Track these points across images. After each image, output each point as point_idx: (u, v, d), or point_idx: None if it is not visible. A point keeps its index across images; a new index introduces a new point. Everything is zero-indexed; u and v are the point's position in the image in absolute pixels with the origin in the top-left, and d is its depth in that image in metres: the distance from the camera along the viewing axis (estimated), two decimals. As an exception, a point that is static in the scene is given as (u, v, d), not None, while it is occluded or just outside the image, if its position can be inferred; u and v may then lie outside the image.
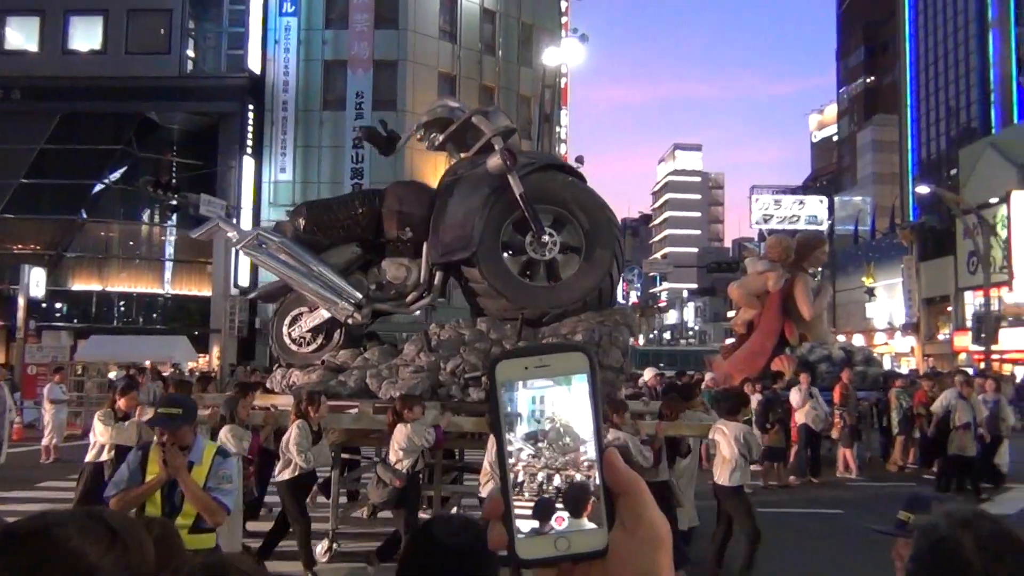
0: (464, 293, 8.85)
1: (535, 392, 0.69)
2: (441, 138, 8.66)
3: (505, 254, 8.46)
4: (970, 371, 26.98)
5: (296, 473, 7.46)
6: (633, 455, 7.21)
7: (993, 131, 48.03)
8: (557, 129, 32.86)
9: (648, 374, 17.50)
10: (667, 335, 78.75)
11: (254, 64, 31.12)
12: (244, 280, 29.93)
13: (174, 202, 24.37)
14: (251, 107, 30.92)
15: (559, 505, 0.68)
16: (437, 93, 32.18)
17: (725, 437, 7.41)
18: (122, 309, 31.60)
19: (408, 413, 7.25)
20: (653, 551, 0.68)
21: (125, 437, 8.25)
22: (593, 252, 8.43)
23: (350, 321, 8.46)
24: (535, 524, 0.67)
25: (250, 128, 30.82)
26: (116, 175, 31.42)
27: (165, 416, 4.23)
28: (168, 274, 32.51)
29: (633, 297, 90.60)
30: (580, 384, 0.69)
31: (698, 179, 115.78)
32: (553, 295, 8.41)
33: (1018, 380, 29.50)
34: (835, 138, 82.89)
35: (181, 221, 30.70)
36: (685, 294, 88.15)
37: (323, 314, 8.70)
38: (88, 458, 8.53)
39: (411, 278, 8.51)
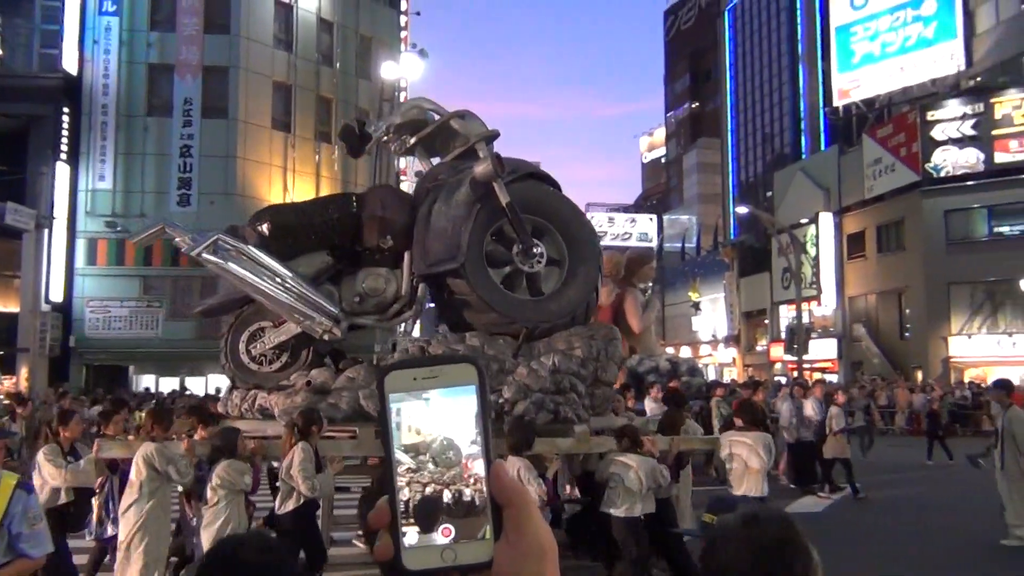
0: (441, 306, 8.22)
1: (425, 403, 0.69)
2: (412, 140, 8.14)
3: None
4: (784, 380, 28.87)
5: (300, 503, 6.81)
6: (658, 478, 7.01)
7: (803, 157, 51.87)
8: (396, 143, 32.66)
9: None
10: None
11: (70, 64, 29.13)
12: (56, 294, 27.85)
13: (-25, 210, 22.37)
14: (66, 110, 28.90)
15: (445, 516, 0.69)
16: (271, 102, 31.33)
17: (751, 448, 7.26)
18: (-88, 327, 28.63)
19: None
20: (536, 563, 0.68)
21: (84, 479, 6.91)
22: (578, 265, 8.11)
23: (326, 337, 7.66)
24: (421, 535, 0.68)
25: (65, 132, 28.76)
26: (-93, 179, 28.50)
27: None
28: (-32, 289, 29.75)
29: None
30: (469, 395, 0.70)
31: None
32: (543, 308, 7.96)
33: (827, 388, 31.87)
34: (664, 159, 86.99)
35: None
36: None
37: (291, 329, 7.81)
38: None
39: (390, 290, 7.84)
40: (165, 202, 29.22)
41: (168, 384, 28.90)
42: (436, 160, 8.47)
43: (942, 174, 33.33)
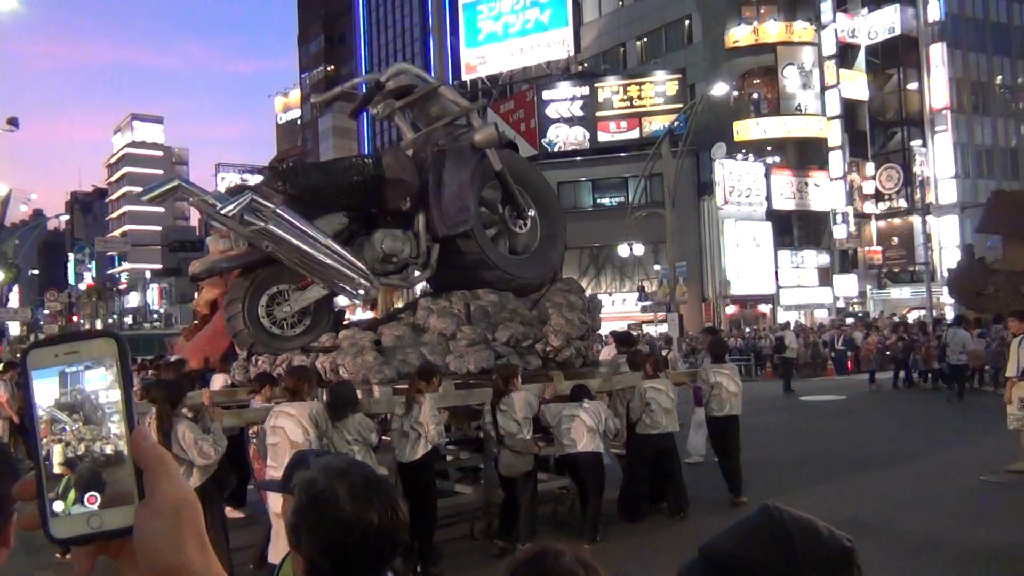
0: (441, 267, 8.34)
1: (67, 377, 0.71)
2: (398, 105, 8.46)
3: None
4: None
5: (428, 449, 6.87)
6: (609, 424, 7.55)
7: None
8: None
9: None
10: (129, 319, 73.20)
11: None
12: None
13: None
14: None
15: (90, 484, 0.70)
16: None
17: (729, 377, 8.79)
18: None
19: (515, 382, 7.22)
20: (168, 519, 0.69)
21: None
22: (551, 227, 8.99)
23: (362, 298, 7.95)
24: (66, 504, 0.70)
25: None
26: None
27: None
28: None
29: (88, 279, 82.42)
30: (110, 367, 0.72)
31: (160, 153, 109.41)
32: (536, 266, 8.80)
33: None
34: (299, 121, 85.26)
35: None
36: (148, 275, 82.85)
37: (318, 292, 7.85)
38: None
39: (406, 250, 8.06)
40: None
41: None
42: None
43: (555, 149, 36.69)
